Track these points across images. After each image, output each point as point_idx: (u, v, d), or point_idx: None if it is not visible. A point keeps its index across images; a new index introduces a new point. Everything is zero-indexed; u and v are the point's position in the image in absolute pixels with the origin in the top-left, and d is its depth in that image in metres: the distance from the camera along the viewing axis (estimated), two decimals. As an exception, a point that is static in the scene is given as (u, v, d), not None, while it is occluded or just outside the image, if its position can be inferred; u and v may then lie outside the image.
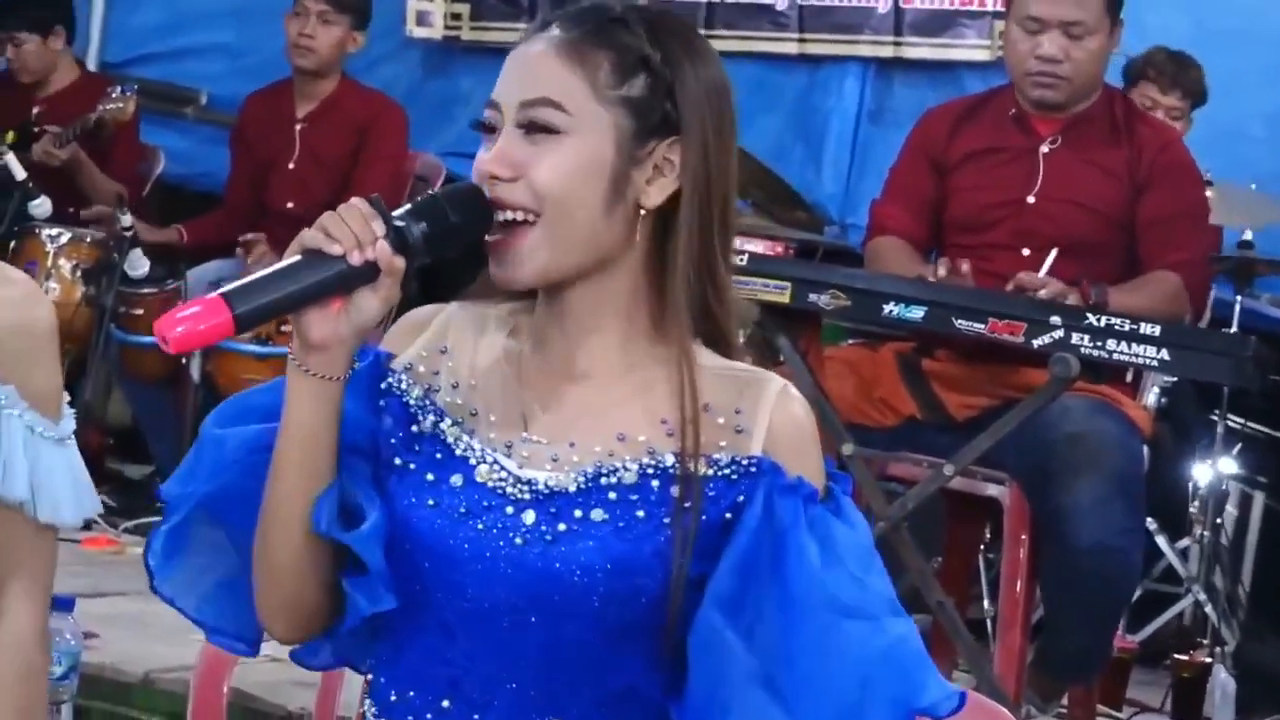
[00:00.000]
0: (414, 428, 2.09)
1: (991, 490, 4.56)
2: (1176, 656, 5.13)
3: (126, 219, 6.12)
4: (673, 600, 1.99)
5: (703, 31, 6.95)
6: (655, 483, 2.02)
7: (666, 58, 2.06)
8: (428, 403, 2.10)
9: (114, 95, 6.50)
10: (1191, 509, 5.78)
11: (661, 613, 2.01)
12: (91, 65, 7.58)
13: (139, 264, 6.05)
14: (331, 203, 6.87)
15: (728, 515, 2.02)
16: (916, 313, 4.36)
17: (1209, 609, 5.61)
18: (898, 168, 4.93)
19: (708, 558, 2.00)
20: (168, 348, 1.96)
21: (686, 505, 2.00)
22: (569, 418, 2.07)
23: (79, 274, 6.26)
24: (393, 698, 2.10)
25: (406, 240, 2.02)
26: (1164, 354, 4.30)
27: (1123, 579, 4.59)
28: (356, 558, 2.04)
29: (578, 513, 2.02)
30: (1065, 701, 4.72)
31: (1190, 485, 5.79)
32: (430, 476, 2.06)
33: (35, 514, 2.43)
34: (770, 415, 2.04)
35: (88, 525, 4.74)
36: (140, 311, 6.12)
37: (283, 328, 6.19)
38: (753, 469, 2.02)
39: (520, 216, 2.03)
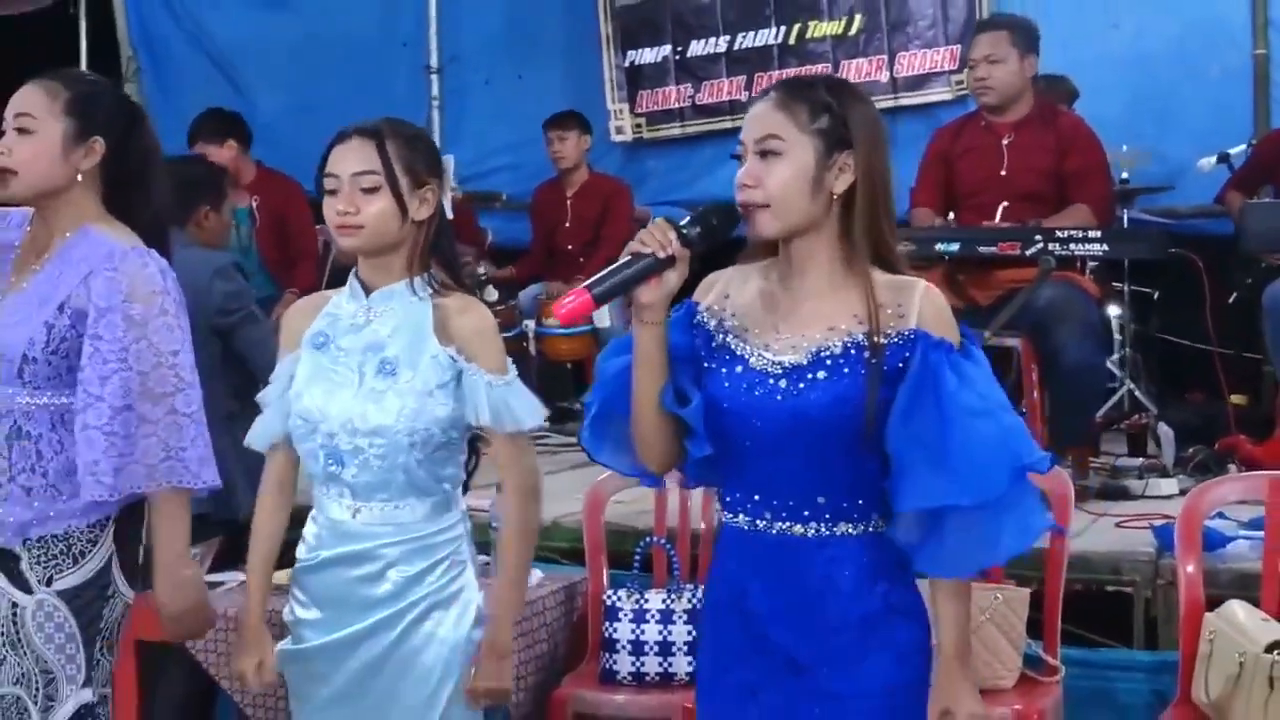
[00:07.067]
0: (713, 342, 2.09)
1: (1010, 342, 4.46)
2: (1126, 424, 5.01)
3: (482, 268, 6.21)
4: (869, 412, 1.97)
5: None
6: (853, 351, 2.00)
7: (840, 104, 2.04)
8: (721, 327, 2.09)
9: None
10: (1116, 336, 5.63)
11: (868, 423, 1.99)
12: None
13: (490, 295, 6.03)
14: (591, 242, 6.72)
15: (900, 364, 1.99)
16: (954, 246, 4.34)
17: (1138, 394, 5.47)
18: (924, 165, 4.83)
19: (891, 389, 1.98)
20: (560, 320, 2.00)
21: (873, 360, 1.99)
22: (801, 320, 2.05)
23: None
24: (729, 499, 2.10)
25: (687, 238, 2.01)
26: (1105, 246, 4.23)
27: (1097, 384, 4.58)
28: (687, 424, 2.06)
29: (809, 375, 2.01)
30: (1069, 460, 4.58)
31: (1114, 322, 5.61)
32: (723, 370, 2.06)
33: (501, 430, 2.42)
34: (919, 304, 2.00)
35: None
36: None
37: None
38: (911, 337, 1.99)
39: (758, 206, 2.02)
